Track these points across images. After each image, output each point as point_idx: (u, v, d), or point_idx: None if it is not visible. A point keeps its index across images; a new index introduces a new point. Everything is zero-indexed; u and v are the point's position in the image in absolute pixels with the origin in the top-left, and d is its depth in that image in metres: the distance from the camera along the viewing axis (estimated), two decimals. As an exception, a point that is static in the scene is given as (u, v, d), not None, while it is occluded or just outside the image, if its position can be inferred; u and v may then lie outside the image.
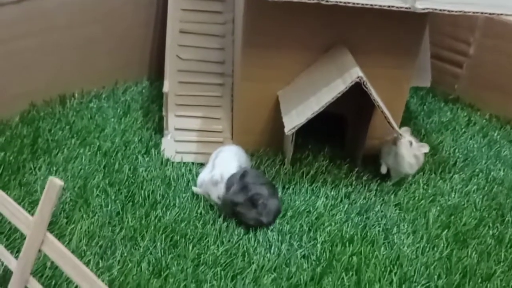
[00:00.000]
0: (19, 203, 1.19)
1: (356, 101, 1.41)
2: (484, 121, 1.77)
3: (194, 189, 1.30)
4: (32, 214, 0.90)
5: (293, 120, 1.29)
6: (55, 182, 0.81)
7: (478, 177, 1.49)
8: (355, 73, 1.22)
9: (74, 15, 1.56)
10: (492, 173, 1.51)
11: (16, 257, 0.92)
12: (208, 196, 1.29)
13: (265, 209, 1.22)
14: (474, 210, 1.37)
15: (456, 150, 1.60)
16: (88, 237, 1.16)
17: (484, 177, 1.49)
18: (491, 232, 1.29)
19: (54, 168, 1.35)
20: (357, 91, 1.25)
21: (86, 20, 1.59)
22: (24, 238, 0.95)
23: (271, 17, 1.31)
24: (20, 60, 1.49)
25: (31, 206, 1.22)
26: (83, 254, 1.11)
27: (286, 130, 1.28)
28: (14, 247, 1.10)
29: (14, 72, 1.49)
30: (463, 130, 1.72)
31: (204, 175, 1.31)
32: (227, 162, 1.32)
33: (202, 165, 1.42)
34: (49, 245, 0.84)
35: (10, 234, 1.14)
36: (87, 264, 1.08)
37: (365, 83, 1.22)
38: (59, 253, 0.82)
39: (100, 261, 1.10)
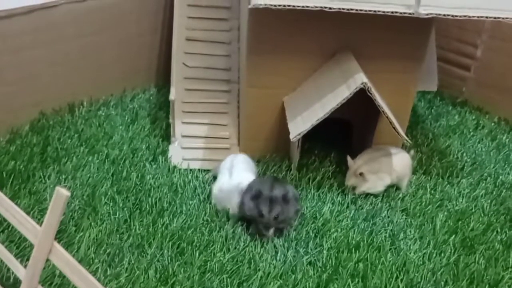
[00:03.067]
0: (29, 212, 1.23)
1: (362, 107, 1.41)
2: (492, 124, 1.76)
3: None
4: (41, 223, 0.91)
5: (298, 126, 1.30)
6: (62, 193, 0.82)
7: (486, 181, 1.48)
8: (360, 79, 1.23)
9: (82, 25, 1.58)
10: (500, 177, 1.50)
11: (26, 266, 0.94)
12: (221, 204, 1.28)
13: (294, 197, 1.24)
14: (482, 215, 1.36)
15: (464, 154, 1.60)
16: (96, 244, 1.17)
17: (492, 182, 1.48)
18: (499, 237, 1.28)
19: (63, 177, 1.37)
20: (363, 96, 1.25)
21: (94, 29, 1.62)
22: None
23: (275, 24, 1.32)
24: (30, 69, 1.51)
25: (40, 214, 1.24)
26: (91, 262, 1.13)
27: (291, 136, 1.29)
28: (24, 255, 1.12)
29: (23, 82, 1.51)
30: (471, 133, 1.71)
31: (223, 183, 1.29)
32: (245, 171, 1.32)
33: (208, 171, 1.43)
34: (56, 255, 0.85)
35: (20, 242, 1.16)
36: (95, 271, 1.10)
37: (369, 89, 1.22)
38: (66, 262, 0.84)
39: (108, 268, 1.12)
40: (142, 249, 1.18)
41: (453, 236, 1.28)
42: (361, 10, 1.16)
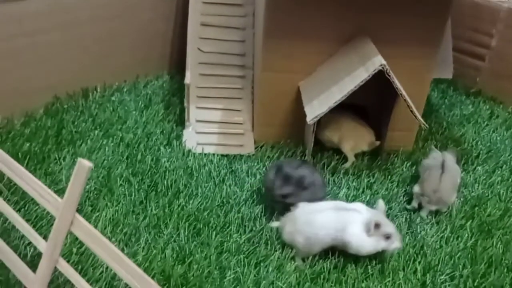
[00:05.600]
0: (45, 191, 1.22)
1: (377, 92, 1.40)
2: (507, 114, 1.75)
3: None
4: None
5: (315, 109, 1.29)
6: (84, 164, 0.82)
7: (502, 169, 1.47)
8: (378, 61, 1.22)
9: (96, 10, 1.58)
10: (516, 165, 1.49)
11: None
12: None
13: (314, 186, 1.21)
14: (499, 201, 1.35)
15: (479, 143, 1.59)
16: (113, 224, 1.17)
17: (508, 169, 1.47)
18: (516, 223, 1.28)
19: (78, 158, 1.35)
20: (378, 81, 1.24)
21: (109, 14, 1.62)
22: (51, 225, 0.96)
23: (292, 8, 1.31)
24: (44, 53, 1.51)
25: (56, 194, 1.23)
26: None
27: (308, 119, 1.28)
28: (41, 233, 1.11)
29: (38, 66, 1.51)
30: (486, 123, 1.70)
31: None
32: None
33: (223, 156, 1.43)
34: (78, 226, 0.85)
35: (36, 221, 1.16)
36: (112, 250, 1.09)
37: (388, 71, 1.22)
38: (88, 233, 0.84)
39: (125, 247, 1.12)
40: (158, 229, 1.17)
41: (470, 221, 1.27)
42: (380, -9, 1.16)
